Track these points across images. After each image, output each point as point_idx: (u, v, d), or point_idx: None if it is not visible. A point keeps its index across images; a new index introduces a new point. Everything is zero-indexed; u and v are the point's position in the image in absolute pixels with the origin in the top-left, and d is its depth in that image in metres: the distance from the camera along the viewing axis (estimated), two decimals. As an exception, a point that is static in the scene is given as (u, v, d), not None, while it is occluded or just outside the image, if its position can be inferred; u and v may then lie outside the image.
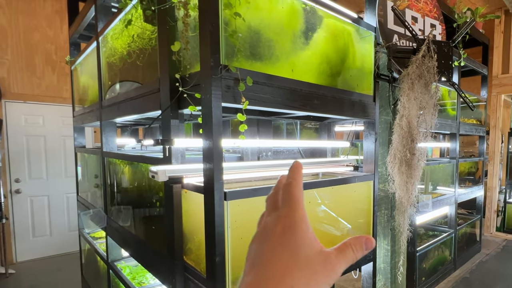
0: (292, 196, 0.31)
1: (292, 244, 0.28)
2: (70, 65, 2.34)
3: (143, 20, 1.14)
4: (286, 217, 0.30)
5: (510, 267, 3.16)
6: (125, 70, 1.38)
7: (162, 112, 1.09)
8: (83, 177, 2.29)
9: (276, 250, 0.28)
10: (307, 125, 2.22)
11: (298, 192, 0.32)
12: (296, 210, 0.31)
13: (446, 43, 1.81)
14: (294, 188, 0.32)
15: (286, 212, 0.31)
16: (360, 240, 0.31)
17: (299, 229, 0.29)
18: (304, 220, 0.30)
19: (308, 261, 0.28)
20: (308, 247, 0.29)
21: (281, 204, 0.32)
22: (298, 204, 0.31)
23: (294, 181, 0.33)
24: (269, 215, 0.32)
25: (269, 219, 0.31)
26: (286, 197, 0.32)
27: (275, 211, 0.32)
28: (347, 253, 0.30)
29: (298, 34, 1.30)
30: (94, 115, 1.77)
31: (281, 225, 0.30)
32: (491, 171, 4.12)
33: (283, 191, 0.32)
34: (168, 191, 1.17)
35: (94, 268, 2.19)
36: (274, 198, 0.34)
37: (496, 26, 3.95)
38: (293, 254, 0.28)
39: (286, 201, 0.32)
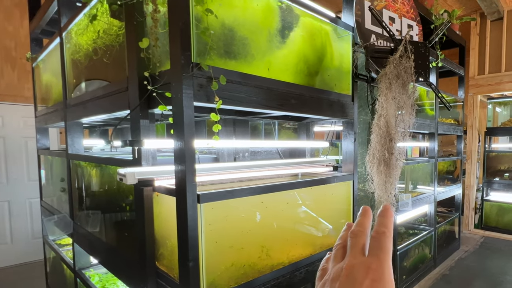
0: (383, 247, 0.32)
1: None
2: (31, 62, 2.24)
3: (109, 15, 1.11)
4: (376, 271, 0.30)
5: (488, 263, 3.34)
6: (92, 68, 1.34)
7: (130, 112, 1.07)
8: (47, 181, 2.21)
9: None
10: (286, 125, 2.25)
11: (389, 243, 0.32)
12: (387, 267, 0.31)
13: (423, 44, 1.89)
14: (387, 240, 0.32)
15: (376, 264, 0.31)
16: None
17: (387, 286, 0.30)
18: (391, 275, 0.31)
19: None
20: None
21: (370, 252, 0.32)
22: (389, 260, 0.32)
23: (388, 232, 0.33)
24: (355, 257, 0.32)
25: (357, 264, 0.31)
26: (377, 246, 0.32)
27: (362, 255, 0.32)
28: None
29: (274, 33, 1.32)
30: (58, 115, 1.70)
31: (369, 279, 0.30)
32: (468, 170, 4.34)
33: (375, 239, 0.33)
34: (139, 195, 1.14)
35: (60, 277, 2.11)
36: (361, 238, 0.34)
37: (472, 28, 4.17)
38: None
39: (377, 251, 0.32)
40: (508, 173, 4.46)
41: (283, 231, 1.40)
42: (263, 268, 1.32)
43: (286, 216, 1.42)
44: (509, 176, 4.44)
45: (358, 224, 0.36)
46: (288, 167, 1.63)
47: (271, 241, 1.34)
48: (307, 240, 1.54)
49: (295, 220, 1.47)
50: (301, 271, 1.46)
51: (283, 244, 1.41)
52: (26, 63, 3.40)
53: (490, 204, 4.46)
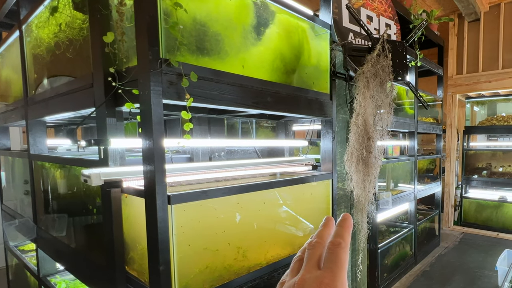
0: (338, 260, 0.31)
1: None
2: (-12, 56, 2.14)
3: (72, 8, 1.08)
4: (328, 285, 0.29)
5: (467, 258, 3.50)
6: (54, 63, 1.30)
7: (95, 109, 1.04)
8: (8, 183, 2.11)
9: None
10: (263, 124, 2.26)
11: (345, 255, 0.32)
12: (341, 281, 0.30)
13: (400, 43, 1.95)
14: (342, 252, 0.31)
15: (329, 279, 0.30)
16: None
17: None
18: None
19: None
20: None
21: (324, 266, 0.31)
22: (344, 272, 0.31)
23: (344, 243, 0.32)
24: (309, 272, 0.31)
25: (310, 279, 0.30)
26: (332, 259, 0.31)
27: (316, 269, 0.31)
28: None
29: (249, 29, 1.32)
30: (18, 113, 1.64)
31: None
32: (448, 168, 4.53)
33: (329, 251, 0.32)
34: (106, 197, 1.12)
35: (24, 285, 2.03)
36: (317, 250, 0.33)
37: (451, 29, 4.35)
38: None
39: (331, 264, 0.31)
40: (486, 170, 4.69)
41: (260, 231, 1.41)
42: (240, 269, 1.32)
43: (264, 216, 1.42)
44: (487, 173, 4.67)
45: (317, 235, 0.35)
46: (266, 166, 1.64)
47: (248, 242, 1.34)
48: (285, 240, 1.55)
49: (273, 220, 1.48)
50: (279, 272, 1.48)
51: (261, 244, 1.42)
52: (-16, 57, 3.22)
53: (469, 201, 4.67)
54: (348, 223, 0.34)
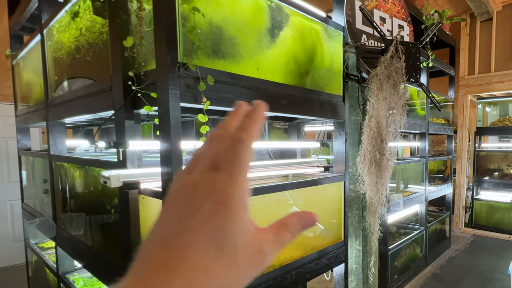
0: (238, 161, 0.24)
1: (221, 232, 0.22)
2: (11, 59, 2.19)
3: (92, 12, 1.09)
4: (222, 192, 0.23)
5: (478, 261, 3.42)
6: (74, 66, 1.31)
7: (114, 112, 1.05)
8: (29, 182, 2.16)
9: (196, 235, 0.22)
10: (276, 126, 2.25)
11: (247, 156, 0.24)
12: (238, 185, 0.23)
13: (413, 44, 1.91)
14: (244, 149, 0.24)
15: (224, 183, 0.23)
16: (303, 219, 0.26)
17: (233, 212, 0.23)
18: (243, 200, 0.23)
19: (236, 256, 0.22)
20: (240, 236, 0.23)
21: (221, 166, 0.24)
22: (242, 175, 0.24)
23: (248, 139, 0.24)
24: (203, 172, 0.24)
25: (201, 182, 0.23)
26: (230, 158, 0.24)
27: (211, 170, 0.24)
28: (285, 238, 0.25)
29: (264, 32, 1.31)
30: (39, 114, 1.67)
31: (212, 201, 0.22)
32: (459, 169, 4.43)
33: (229, 148, 0.24)
34: (124, 197, 1.13)
35: (43, 281, 2.07)
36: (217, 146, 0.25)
37: (462, 29, 4.25)
38: (218, 247, 0.22)
39: (228, 165, 0.24)
40: (497, 172, 4.57)
41: (273, 233, 1.40)
42: (253, 271, 1.32)
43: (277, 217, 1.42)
44: (498, 175, 4.55)
45: (221, 125, 0.27)
46: (278, 168, 1.63)
47: (261, 243, 1.34)
48: (298, 241, 1.54)
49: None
50: (292, 274, 1.47)
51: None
52: (6, 60, 3.31)
53: (480, 203, 4.57)
54: (258, 114, 0.26)
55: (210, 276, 0.21)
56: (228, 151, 0.24)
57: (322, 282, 2.86)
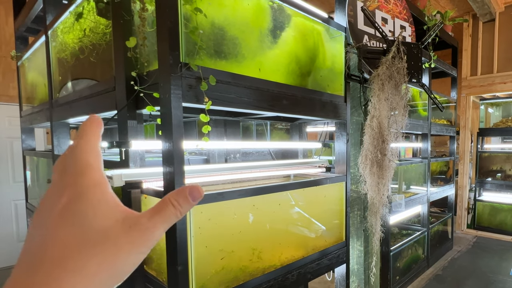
0: (78, 160, 0.26)
1: (80, 218, 0.23)
2: (16, 60, 2.21)
3: (96, 14, 1.09)
4: (72, 186, 0.25)
5: (481, 262, 3.39)
6: (78, 67, 1.32)
7: (117, 113, 1.05)
8: (33, 182, 2.17)
9: (57, 228, 0.23)
10: (278, 126, 2.25)
11: (87, 154, 0.26)
12: (85, 176, 0.25)
13: (415, 45, 1.91)
14: (80, 150, 0.26)
15: (71, 179, 0.25)
16: (183, 191, 0.27)
17: (89, 197, 0.24)
18: (99, 186, 0.25)
19: (105, 234, 0.24)
20: (104, 217, 0.24)
21: (67, 170, 0.26)
22: (88, 169, 0.26)
23: (82, 141, 0.27)
24: (53, 184, 0.26)
25: (51, 192, 0.25)
26: (71, 161, 0.26)
27: (60, 178, 0.26)
28: (166, 211, 0.26)
29: (266, 33, 1.31)
30: (43, 115, 1.68)
31: (64, 198, 0.24)
32: (461, 170, 4.40)
33: (68, 156, 0.26)
34: (126, 197, 1.13)
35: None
36: (62, 163, 0.27)
37: (465, 30, 4.23)
38: (81, 230, 0.23)
39: (71, 166, 0.26)
40: (500, 173, 4.54)
41: (275, 233, 1.40)
42: (255, 271, 1.32)
43: (278, 218, 1.41)
44: (501, 176, 4.52)
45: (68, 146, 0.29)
46: (280, 168, 1.63)
47: (262, 243, 1.34)
48: (299, 242, 1.54)
49: (287, 222, 1.47)
50: (293, 274, 1.46)
51: (275, 246, 1.41)
52: (11, 61, 3.34)
53: (482, 204, 4.53)
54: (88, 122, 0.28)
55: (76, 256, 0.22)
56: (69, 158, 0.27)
57: (324, 283, 2.84)
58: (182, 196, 0.27)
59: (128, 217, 0.26)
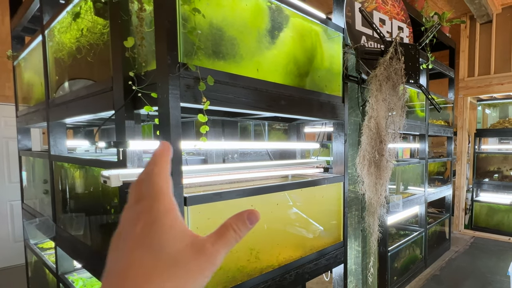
0: (153, 186, 0.28)
1: (155, 243, 0.26)
2: (12, 60, 2.21)
3: (93, 13, 1.10)
4: (147, 212, 0.27)
5: (478, 263, 3.42)
6: (75, 67, 1.32)
7: (115, 112, 1.06)
8: (29, 182, 2.16)
9: (134, 253, 0.25)
10: (276, 126, 2.26)
11: (161, 181, 0.28)
12: (159, 202, 0.27)
13: (413, 46, 1.92)
14: (155, 176, 0.28)
15: (147, 206, 0.27)
16: (242, 216, 0.28)
17: (162, 223, 0.26)
18: (171, 212, 0.27)
19: (177, 258, 0.25)
20: (176, 242, 0.26)
21: (143, 196, 0.28)
22: (162, 194, 0.28)
23: (157, 168, 0.29)
24: (129, 209, 0.29)
25: (129, 216, 0.28)
26: (146, 187, 0.28)
27: (136, 205, 0.28)
28: (227, 235, 0.28)
29: (264, 33, 1.32)
30: (40, 115, 1.68)
31: (141, 222, 0.26)
32: (459, 171, 4.44)
33: (145, 182, 0.29)
34: (124, 197, 1.13)
35: (42, 282, 2.07)
36: (137, 188, 0.29)
37: (462, 31, 4.27)
38: (156, 255, 0.25)
39: (146, 193, 0.28)
40: (497, 174, 4.58)
41: (273, 233, 1.40)
42: (252, 271, 1.32)
43: (276, 218, 1.42)
44: (498, 177, 4.56)
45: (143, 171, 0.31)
46: (278, 168, 1.63)
47: (260, 243, 1.34)
48: (297, 242, 1.54)
49: (285, 222, 1.48)
50: (291, 274, 1.47)
51: (273, 246, 1.42)
52: (7, 61, 3.32)
53: (480, 204, 4.57)
54: (160, 149, 0.30)
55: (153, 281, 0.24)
56: (144, 184, 0.29)
57: (322, 283, 2.85)
58: (241, 221, 0.29)
59: (195, 241, 0.27)
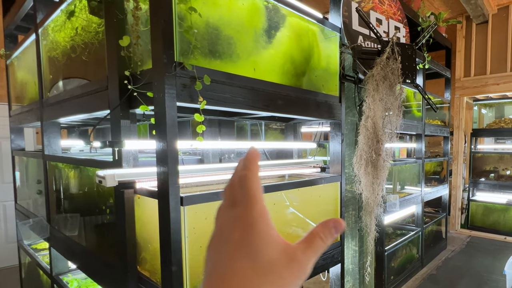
0: (248, 191, 0.29)
1: (252, 250, 0.27)
2: (5, 59, 2.19)
3: (88, 12, 1.09)
4: (243, 218, 0.28)
5: (474, 262, 3.45)
6: (70, 66, 1.31)
7: (110, 112, 1.05)
8: (23, 183, 2.15)
9: (233, 259, 0.27)
10: (273, 126, 2.26)
11: (254, 185, 0.29)
12: (254, 208, 0.28)
13: (410, 46, 1.94)
14: (249, 182, 0.29)
15: (242, 212, 0.29)
16: (328, 224, 0.29)
17: (258, 230, 0.28)
18: (263, 217, 0.28)
19: (272, 266, 0.27)
20: (271, 250, 0.27)
21: (237, 202, 0.30)
22: (255, 200, 0.29)
23: (250, 173, 0.30)
24: (225, 213, 0.30)
25: (226, 220, 0.30)
26: (241, 192, 0.30)
27: (231, 209, 0.30)
28: (315, 244, 0.28)
29: (260, 32, 1.33)
30: (34, 114, 1.66)
31: (238, 228, 0.28)
32: (455, 170, 4.48)
33: (238, 186, 0.30)
34: (119, 197, 1.13)
35: (36, 283, 2.05)
36: (231, 192, 0.31)
37: (458, 31, 4.31)
38: (253, 262, 0.26)
39: (242, 198, 0.29)
40: (493, 173, 4.62)
41: (269, 233, 1.41)
42: (249, 271, 1.32)
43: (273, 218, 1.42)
44: (494, 176, 4.60)
45: (230, 178, 0.33)
46: (275, 168, 1.64)
47: (257, 243, 1.34)
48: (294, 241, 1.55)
49: (282, 222, 1.48)
50: (288, 274, 1.47)
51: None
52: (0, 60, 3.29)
53: (476, 204, 4.61)
54: (252, 154, 0.31)
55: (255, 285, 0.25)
56: (239, 188, 0.30)
57: (318, 283, 2.86)
58: (327, 229, 0.29)
59: (287, 249, 0.28)
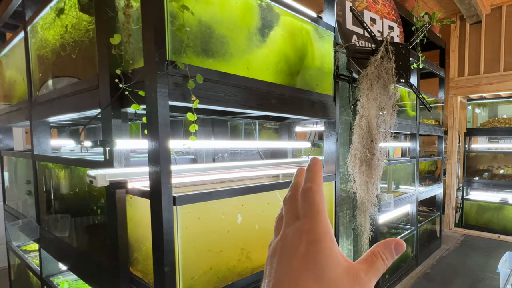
0: (313, 205, 0.30)
1: (318, 267, 0.27)
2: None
3: (78, 9, 1.08)
4: (309, 232, 0.28)
5: (469, 260, 3.50)
6: (60, 64, 1.30)
7: (101, 111, 1.05)
8: (11, 183, 2.12)
9: (299, 274, 0.27)
10: (267, 125, 2.27)
11: (319, 199, 0.30)
12: (320, 223, 0.29)
13: (404, 45, 1.96)
14: (315, 195, 0.30)
15: (308, 225, 0.29)
16: (389, 246, 0.29)
17: (324, 247, 0.28)
18: (329, 234, 0.29)
19: (336, 283, 0.27)
20: (335, 267, 0.27)
21: (301, 214, 0.30)
22: (321, 214, 0.29)
23: (315, 186, 0.31)
24: (289, 225, 0.30)
25: (290, 232, 0.30)
26: (306, 205, 0.30)
27: (295, 220, 0.30)
28: (377, 265, 0.28)
29: (254, 31, 1.33)
30: (22, 113, 1.64)
31: (304, 242, 0.28)
32: (449, 170, 4.54)
33: (302, 198, 0.30)
34: (111, 197, 1.12)
35: (26, 285, 2.03)
36: (293, 202, 0.31)
37: (452, 31, 4.36)
38: (319, 280, 0.26)
39: (307, 211, 0.30)
40: (487, 172, 4.69)
41: (264, 232, 1.41)
42: (243, 271, 1.33)
43: (267, 217, 1.43)
44: (488, 175, 4.67)
45: (290, 187, 0.34)
46: (269, 167, 1.64)
47: (251, 243, 1.35)
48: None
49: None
50: (282, 273, 1.48)
51: (264, 246, 1.42)
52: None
53: (470, 203, 4.68)
54: (316, 166, 0.32)
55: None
56: (303, 201, 0.30)
57: (314, 283, 2.88)
58: (388, 250, 0.29)
59: (350, 268, 0.28)
